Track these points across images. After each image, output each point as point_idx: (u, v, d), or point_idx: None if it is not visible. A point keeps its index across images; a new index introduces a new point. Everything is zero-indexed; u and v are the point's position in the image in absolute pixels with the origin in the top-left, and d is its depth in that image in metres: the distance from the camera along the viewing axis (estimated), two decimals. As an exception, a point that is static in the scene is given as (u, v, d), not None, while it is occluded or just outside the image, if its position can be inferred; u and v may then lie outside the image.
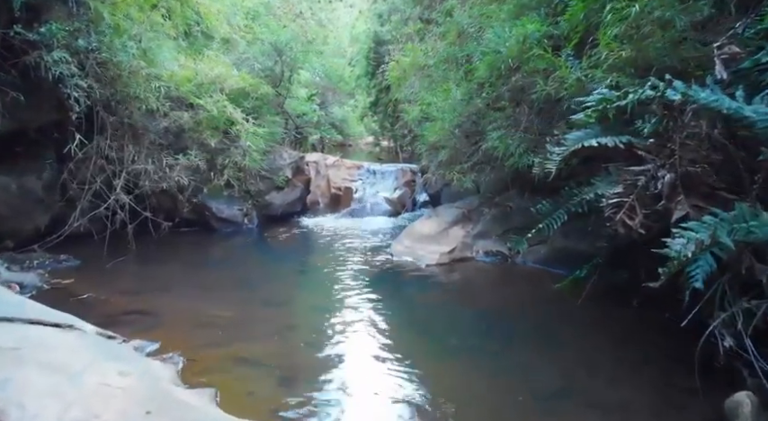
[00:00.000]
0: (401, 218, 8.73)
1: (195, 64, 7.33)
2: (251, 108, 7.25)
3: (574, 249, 5.14)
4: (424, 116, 7.53)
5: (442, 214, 6.37)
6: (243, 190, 7.96)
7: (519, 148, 5.51)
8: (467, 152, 6.59)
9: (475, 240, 5.96)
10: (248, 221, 7.86)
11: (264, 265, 5.97)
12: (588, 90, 4.22)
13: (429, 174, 7.39)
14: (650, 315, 4.11)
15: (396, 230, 7.69)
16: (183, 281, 5.29)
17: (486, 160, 6.40)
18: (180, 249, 6.60)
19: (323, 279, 5.35)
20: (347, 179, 10.36)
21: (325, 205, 10.05)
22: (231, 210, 7.67)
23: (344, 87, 20.60)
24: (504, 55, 4.98)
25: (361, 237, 7.27)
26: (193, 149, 6.82)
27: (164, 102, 6.45)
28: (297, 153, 8.84)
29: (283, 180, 8.12)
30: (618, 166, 3.75)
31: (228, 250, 6.74)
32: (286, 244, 7.06)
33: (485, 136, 6.33)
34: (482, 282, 5.29)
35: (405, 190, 9.55)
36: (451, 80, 6.92)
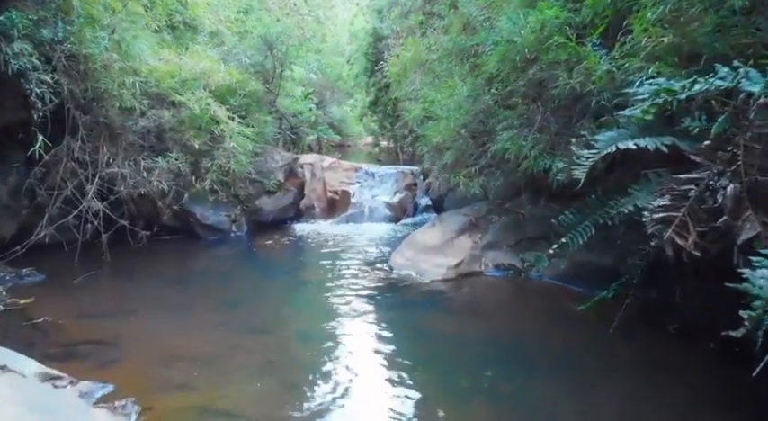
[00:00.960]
0: (401, 224, 8.15)
1: (179, 58, 6.74)
2: (238, 106, 6.67)
3: (597, 264, 4.56)
4: (426, 115, 6.94)
5: (446, 222, 5.79)
6: (231, 194, 7.40)
7: (534, 150, 4.93)
8: (474, 154, 6.00)
9: (484, 252, 5.38)
10: (236, 228, 7.28)
11: (251, 281, 5.38)
12: (620, 83, 3.64)
13: (432, 179, 6.80)
14: (692, 345, 3.54)
15: (396, 238, 7.10)
16: (156, 300, 4.70)
17: (496, 163, 5.82)
18: (159, 261, 6.01)
19: (315, 299, 4.76)
20: (344, 182, 9.77)
21: (321, 210, 9.45)
22: (217, 216, 7.09)
23: (343, 86, 20.07)
24: (520, 45, 4.39)
25: (359, 246, 6.68)
26: (175, 151, 6.23)
27: (141, 99, 5.87)
28: (290, 154, 8.26)
29: (275, 184, 7.54)
30: (660, 173, 3.17)
31: (212, 262, 6.15)
32: (276, 254, 6.48)
33: (494, 136, 5.76)
34: (493, 301, 4.70)
35: (405, 194, 8.97)
36: (456, 75, 6.34)
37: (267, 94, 7.92)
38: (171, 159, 6.04)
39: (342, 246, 6.62)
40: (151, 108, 6.29)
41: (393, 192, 9.08)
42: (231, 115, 6.19)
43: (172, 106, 6.45)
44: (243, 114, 6.77)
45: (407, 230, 7.61)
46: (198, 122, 6.15)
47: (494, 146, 5.53)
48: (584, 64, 3.76)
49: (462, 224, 5.67)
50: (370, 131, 22.61)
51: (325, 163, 10.27)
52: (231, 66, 7.20)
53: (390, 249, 6.33)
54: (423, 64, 7.54)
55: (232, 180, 7.29)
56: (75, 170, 5.87)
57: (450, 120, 5.92)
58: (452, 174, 6.10)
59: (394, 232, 7.58)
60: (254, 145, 6.60)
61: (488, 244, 5.44)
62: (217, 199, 7.18)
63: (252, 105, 7.02)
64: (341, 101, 21.82)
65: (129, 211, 6.31)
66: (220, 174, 6.17)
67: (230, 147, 5.92)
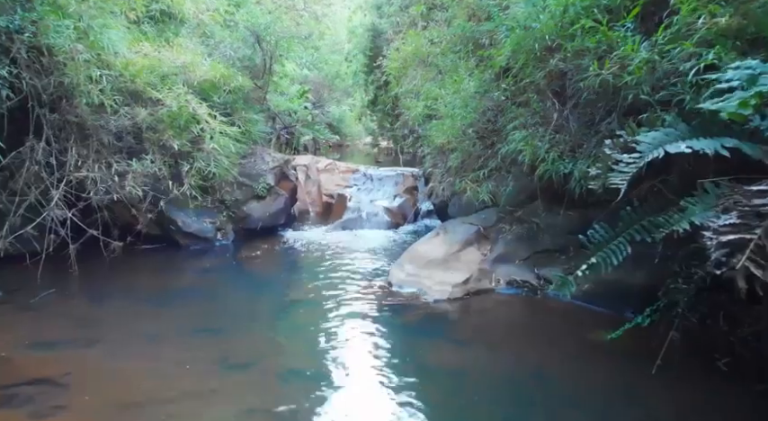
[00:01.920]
0: (402, 231, 7.58)
1: (159, 52, 6.15)
2: (223, 103, 6.08)
3: (627, 283, 3.99)
4: (428, 113, 6.37)
5: (451, 232, 5.22)
6: (216, 200, 6.82)
7: (552, 152, 4.36)
8: (482, 156, 5.43)
9: (494, 266, 4.80)
10: (222, 236, 6.69)
11: (234, 301, 4.80)
12: (663, 73, 3.07)
13: (435, 183, 6.22)
14: (749, 386, 2.96)
15: (395, 247, 6.53)
16: (123, 325, 4.12)
17: (506, 166, 5.25)
18: (133, 275, 5.42)
19: (304, 324, 4.17)
20: (341, 185, 9.20)
21: (316, 214, 8.89)
22: (201, 223, 6.51)
23: (341, 84, 19.49)
24: (538, 31, 3.81)
25: (355, 256, 6.10)
26: (151, 153, 5.65)
27: (113, 95, 5.29)
28: (282, 156, 7.68)
29: (264, 188, 6.95)
30: (719, 183, 2.59)
31: (192, 276, 5.56)
32: (264, 267, 5.90)
33: (504, 136, 5.19)
34: (507, 326, 4.12)
35: (405, 198, 8.39)
36: (462, 69, 5.76)
37: (256, 90, 7.34)
38: (146, 162, 5.45)
39: (336, 257, 6.04)
40: (126, 105, 5.70)
41: (392, 196, 8.51)
42: (213, 113, 5.59)
43: (149, 103, 5.86)
44: (228, 112, 6.19)
45: (408, 238, 7.04)
46: (177, 121, 5.56)
47: (504, 147, 4.97)
48: (619, 51, 3.17)
49: (469, 234, 5.09)
50: (369, 131, 22.09)
51: (320, 164, 9.71)
52: (217, 59, 6.60)
53: (389, 261, 5.75)
54: (424, 58, 6.96)
55: (218, 184, 6.73)
56: (39, 174, 5.29)
57: (455, 119, 5.35)
58: (458, 179, 5.54)
59: (393, 240, 7.00)
60: (239, 146, 6.00)
61: (499, 257, 4.87)
62: (200, 205, 6.62)
63: (238, 102, 6.43)
64: (339, 100, 21.25)
65: (103, 219, 5.72)
66: (200, 179, 5.57)
67: (211, 148, 5.33)
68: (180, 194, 5.55)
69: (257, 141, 8.15)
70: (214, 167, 5.38)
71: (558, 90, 4.31)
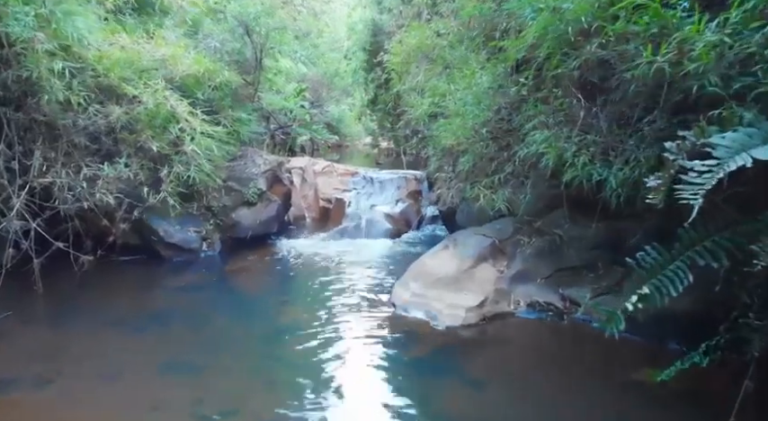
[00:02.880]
0: (404, 240, 6.98)
1: (137, 44, 5.56)
2: (207, 100, 5.49)
3: (674, 310, 3.38)
4: (435, 111, 5.79)
5: (462, 244, 4.63)
6: (203, 206, 6.23)
7: (581, 156, 3.77)
8: (496, 159, 4.85)
9: (513, 285, 4.22)
10: (208, 247, 6.10)
11: (216, 324, 4.20)
12: (733, 59, 2.48)
13: (442, 189, 5.63)
14: None
15: (398, 259, 5.93)
16: (87, 356, 3.54)
17: (525, 171, 4.67)
18: (105, 292, 4.83)
19: (294, 357, 3.55)
20: (339, 188, 8.61)
21: (313, 220, 8.30)
22: (184, 233, 5.91)
23: (340, 83, 18.91)
24: (571, 12, 3.22)
25: (353, 270, 5.51)
26: (126, 156, 5.06)
27: (79, 90, 4.70)
28: (275, 158, 7.09)
29: (255, 193, 6.36)
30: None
31: (172, 294, 4.96)
32: (252, 282, 5.30)
33: (521, 137, 4.61)
34: (533, 361, 3.51)
35: (408, 203, 7.80)
36: (474, 62, 5.18)
37: (246, 87, 6.75)
38: (120, 166, 4.86)
39: (332, 271, 5.45)
40: (98, 103, 5.12)
41: (394, 200, 7.92)
42: (194, 111, 4.99)
43: (126, 101, 5.26)
44: (213, 110, 5.60)
45: (411, 248, 6.45)
46: (155, 120, 4.97)
47: (522, 150, 4.38)
48: (678, 34, 2.58)
49: (483, 248, 4.50)
50: (369, 132, 21.55)
51: (317, 166, 9.12)
52: (203, 53, 6.00)
53: (392, 276, 5.17)
54: (430, 52, 6.38)
55: (205, 190, 6.14)
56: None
57: (466, 117, 4.77)
58: (469, 184, 4.95)
59: (396, 250, 6.41)
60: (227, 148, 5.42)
61: (518, 275, 4.28)
62: (184, 212, 6.03)
63: (225, 100, 5.84)
64: (338, 99, 20.70)
65: (74, 229, 5.14)
66: (180, 185, 4.97)
67: (190, 150, 4.73)
68: (157, 202, 4.95)
69: (248, 142, 7.58)
70: (194, 172, 4.78)
71: (589, 84, 3.72)
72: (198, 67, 5.53)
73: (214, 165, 5.45)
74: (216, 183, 4.94)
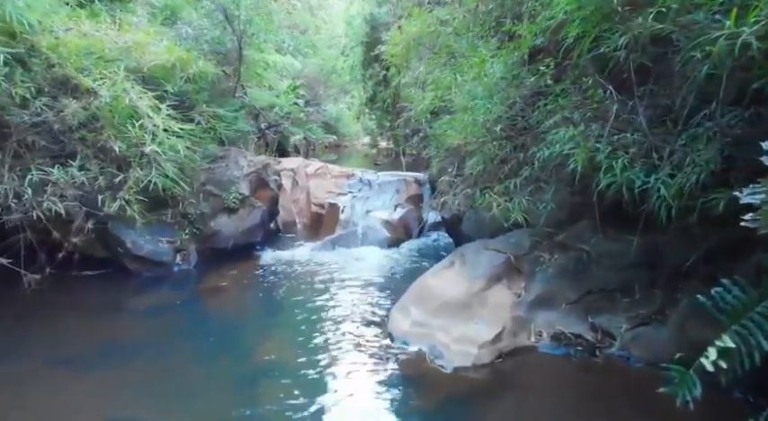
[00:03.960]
0: (404, 249, 6.30)
1: (99, 30, 4.89)
2: (178, 93, 4.80)
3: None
4: (440, 105, 5.11)
5: (471, 261, 3.94)
6: (178, 213, 5.56)
7: (619, 158, 3.10)
8: (510, 160, 4.17)
9: (533, 312, 3.53)
10: (182, 260, 5.42)
11: (180, 361, 3.50)
12: None
13: (447, 194, 4.95)
14: None
15: (397, 274, 5.25)
16: (14, 408, 2.86)
17: (545, 175, 3.99)
18: (56, 318, 4.15)
19: (271, 407, 2.87)
20: (333, 192, 7.92)
21: (304, 226, 7.62)
22: (155, 243, 5.23)
23: (337, 81, 18.27)
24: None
25: (346, 286, 4.83)
26: (79, 159, 4.39)
27: (23, 83, 4.03)
28: (261, 159, 6.41)
29: (236, 198, 5.68)
30: None
31: (135, 318, 4.27)
32: (230, 303, 4.62)
33: (540, 136, 3.94)
34: (560, 410, 2.81)
35: (408, 208, 7.11)
36: (483, 50, 4.50)
37: (226, 79, 6.07)
38: (74, 170, 4.18)
39: (322, 289, 4.77)
40: (51, 97, 4.45)
41: (393, 205, 7.23)
42: (159, 106, 4.30)
43: (85, 94, 4.59)
44: (187, 105, 4.92)
45: (412, 260, 5.77)
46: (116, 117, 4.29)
47: (542, 150, 3.71)
48: None
49: (496, 266, 3.82)
50: (368, 131, 20.94)
51: (310, 168, 8.44)
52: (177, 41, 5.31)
53: (389, 295, 4.49)
54: (433, 41, 5.70)
55: (181, 195, 5.47)
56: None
57: (476, 113, 4.09)
58: (479, 190, 4.27)
59: (394, 262, 5.72)
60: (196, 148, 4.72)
61: (539, 299, 3.59)
62: (157, 221, 5.37)
63: (200, 94, 5.16)
64: (336, 97, 20.07)
65: (25, 242, 4.48)
66: (139, 192, 4.27)
67: (150, 151, 4.04)
68: (113, 211, 4.26)
69: (233, 141, 6.91)
70: (156, 177, 4.08)
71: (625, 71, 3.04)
72: (168, 55, 4.84)
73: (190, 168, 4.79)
74: (184, 189, 4.24)
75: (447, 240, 6.35)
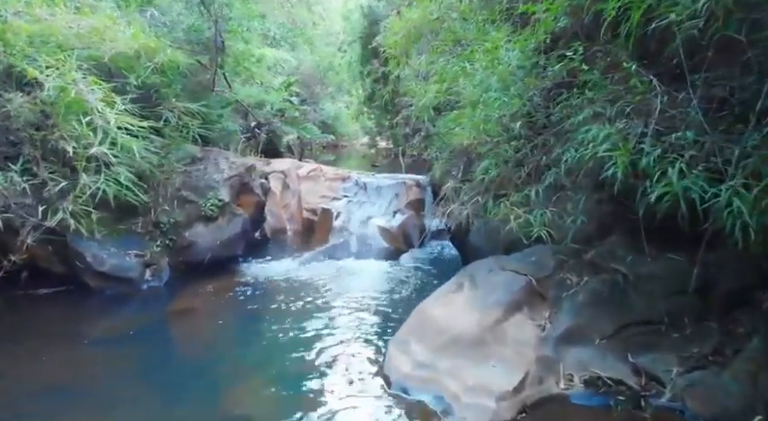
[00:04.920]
0: (404, 261, 5.66)
1: (55, 15, 4.25)
2: (143, 86, 4.16)
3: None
4: (445, 100, 4.47)
5: (484, 284, 3.31)
6: (149, 222, 4.94)
7: (676, 163, 2.46)
8: (529, 164, 3.52)
9: (561, 350, 2.89)
10: (152, 275, 4.78)
11: (134, 410, 2.86)
12: None
13: (453, 202, 4.30)
14: None
15: (396, 294, 4.61)
16: None
17: (573, 182, 3.35)
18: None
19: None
20: (327, 197, 7.27)
21: (295, 233, 6.95)
22: (121, 257, 4.60)
23: (335, 78, 17.66)
24: None
25: (336, 309, 4.19)
26: (21, 161, 3.74)
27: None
28: (244, 161, 5.77)
29: (214, 205, 5.05)
30: None
31: (85, 352, 3.60)
32: (200, 331, 3.97)
33: (565, 134, 3.31)
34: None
35: (408, 215, 6.47)
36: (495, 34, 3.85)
37: (204, 72, 5.43)
38: (12, 174, 3.54)
39: (308, 312, 4.13)
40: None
41: (392, 211, 6.59)
42: (112, 100, 3.64)
43: (35, 87, 3.94)
44: (155, 100, 4.28)
45: (413, 275, 5.13)
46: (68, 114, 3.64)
47: (569, 152, 3.08)
48: None
49: (515, 291, 3.18)
50: (367, 130, 20.34)
51: (302, 170, 7.78)
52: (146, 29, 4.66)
53: (387, 322, 3.85)
54: (437, 27, 5.06)
55: (153, 201, 4.87)
56: None
57: (489, 108, 3.44)
58: (491, 198, 3.63)
59: (393, 278, 5.08)
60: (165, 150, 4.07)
61: (568, 333, 2.95)
62: (125, 230, 4.76)
63: (171, 87, 4.51)
64: (334, 96, 19.48)
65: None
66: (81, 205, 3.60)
67: (98, 152, 3.38)
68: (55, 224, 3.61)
69: (218, 142, 6.29)
70: (104, 183, 3.42)
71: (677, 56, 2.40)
72: (133, 43, 4.20)
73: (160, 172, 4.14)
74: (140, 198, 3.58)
75: (452, 251, 5.72)
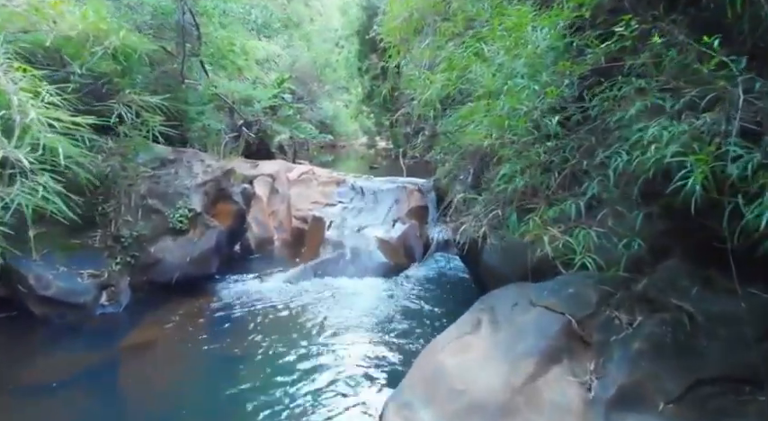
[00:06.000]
0: (405, 279, 4.94)
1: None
2: (91, 75, 3.44)
3: None
4: (452, 95, 3.75)
5: (509, 324, 2.60)
6: (109, 235, 4.24)
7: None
8: (565, 169, 2.80)
9: (613, 418, 2.17)
10: (109, 300, 4.07)
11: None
12: None
13: (463, 214, 3.59)
14: None
15: (397, 325, 3.88)
16: None
17: (624, 194, 2.63)
18: None
19: None
20: (319, 203, 6.57)
21: (283, 244, 6.25)
22: (71, 279, 3.89)
23: (332, 75, 16.96)
24: None
25: (325, 347, 3.48)
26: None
27: None
28: (222, 164, 5.05)
29: (183, 216, 4.34)
30: None
31: (11, 407, 2.89)
32: (155, 373, 3.24)
33: (614, 133, 2.61)
34: None
35: (410, 224, 5.75)
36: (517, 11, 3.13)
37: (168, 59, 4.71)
38: None
39: (290, 348, 3.42)
40: None
41: (391, 220, 5.88)
42: (38, 90, 2.92)
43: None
44: (105, 92, 3.57)
45: (417, 298, 4.41)
46: None
47: (618, 156, 2.38)
48: None
49: (550, 335, 2.47)
50: (365, 130, 19.72)
51: (292, 173, 7.09)
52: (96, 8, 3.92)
53: (386, 366, 3.14)
54: (443, 8, 4.35)
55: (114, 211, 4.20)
56: None
57: (514, 99, 2.72)
58: (515, 212, 2.92)
59: (394, 302, 4.36)
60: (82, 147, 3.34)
61: (622, 394, 2.24)
62: (80, 245, 4.07)
63: (128, 76, 3.80)
64: (333, 95, 18.81)
65: None
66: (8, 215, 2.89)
67: (10, 156, 2.65)
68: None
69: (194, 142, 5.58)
70: (18, 195, 2.70)
71: None
72: (82, 23, 3.48)
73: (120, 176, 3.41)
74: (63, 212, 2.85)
75: (459, 266, 5.01)
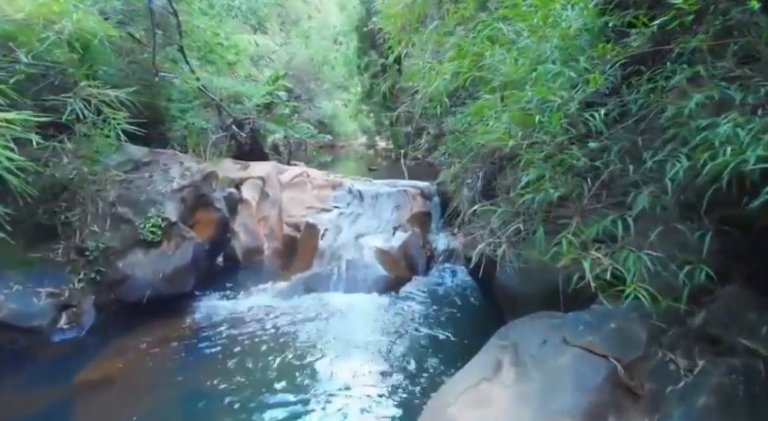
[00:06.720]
0: (408, 298, 4.43)
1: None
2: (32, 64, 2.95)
3: None
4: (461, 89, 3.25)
5: (537, 369, 2.11)
6: (71, 247, 3.74)
7: None
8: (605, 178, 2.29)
9: None
10: (69, 322, 3.55)
11: None
12: None
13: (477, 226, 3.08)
14: None
15: (399, 355, 3.37)
16: None
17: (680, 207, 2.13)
18: None
19: None
20: (314, 208, 6.05)
21: (274, 253, 5.73)
22: (25, 298, 3.38)
23: (330, 73, 16.48)
24: None
25: (313, 382, 2.97)
26: None
27: None
28: (202, 167, 4.53)
29: (155, 226, 3.83)
30: None
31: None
32: (114, 417, 2.74)
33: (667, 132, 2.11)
34: None
35: (412, 232, 5.24)
36: None
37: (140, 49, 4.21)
38: None
39: (270, 390, 2.91)
40: None
41: (391, 228, 5.37)
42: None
43: None
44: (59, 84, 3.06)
45: (421, 319, 3.90)
46: None
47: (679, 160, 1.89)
48: None
49: (591, 386, 1.96)
50: (365, 130, 19.27)
51: (285, 176, 6.58)
52: None
53: (386, 410, 2.63)
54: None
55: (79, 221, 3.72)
56: None
57: (545, 89, 2.22)
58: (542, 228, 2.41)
59: (395, 323, 3.85)
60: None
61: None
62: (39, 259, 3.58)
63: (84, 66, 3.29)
64: (331, 93, 18.33)
65: None
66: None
67: None
68: None
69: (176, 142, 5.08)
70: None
71: None
72: (26, 5, 2.98)
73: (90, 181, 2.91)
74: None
75: (467, 280, 4.51)
